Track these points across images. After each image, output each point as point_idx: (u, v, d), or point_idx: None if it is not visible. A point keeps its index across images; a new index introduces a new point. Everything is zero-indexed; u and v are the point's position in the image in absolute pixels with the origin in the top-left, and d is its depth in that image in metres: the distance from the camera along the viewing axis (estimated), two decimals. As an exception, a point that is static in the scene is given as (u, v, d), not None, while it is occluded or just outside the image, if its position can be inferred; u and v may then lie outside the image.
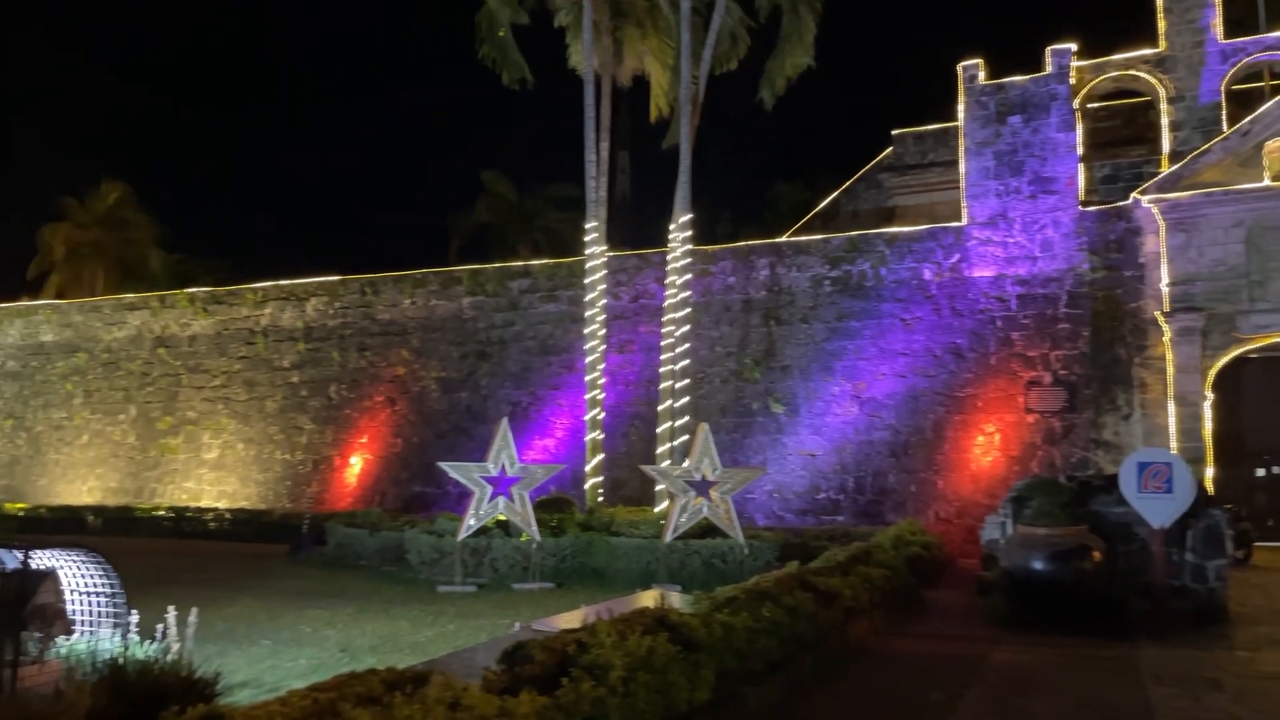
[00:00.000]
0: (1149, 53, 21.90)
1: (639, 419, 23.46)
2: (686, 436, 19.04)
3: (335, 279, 28.96)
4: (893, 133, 29.05)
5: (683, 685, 6.04)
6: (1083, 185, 21.70)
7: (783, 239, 26.03)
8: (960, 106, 22.60)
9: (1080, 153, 21.68)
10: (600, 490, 20.16)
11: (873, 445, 21.85)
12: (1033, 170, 21.71)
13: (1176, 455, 13.06)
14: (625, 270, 24.98)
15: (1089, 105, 22.95)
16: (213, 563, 18.38)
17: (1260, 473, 19.78)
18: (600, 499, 20.00)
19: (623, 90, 23.41)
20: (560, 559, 16.03)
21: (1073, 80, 21.82)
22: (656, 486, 19.33)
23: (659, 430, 20.19)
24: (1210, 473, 18.84)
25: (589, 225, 21.16)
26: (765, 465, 21.68)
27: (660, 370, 20.71)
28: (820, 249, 23.72)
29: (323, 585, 15.23)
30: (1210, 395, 19.44)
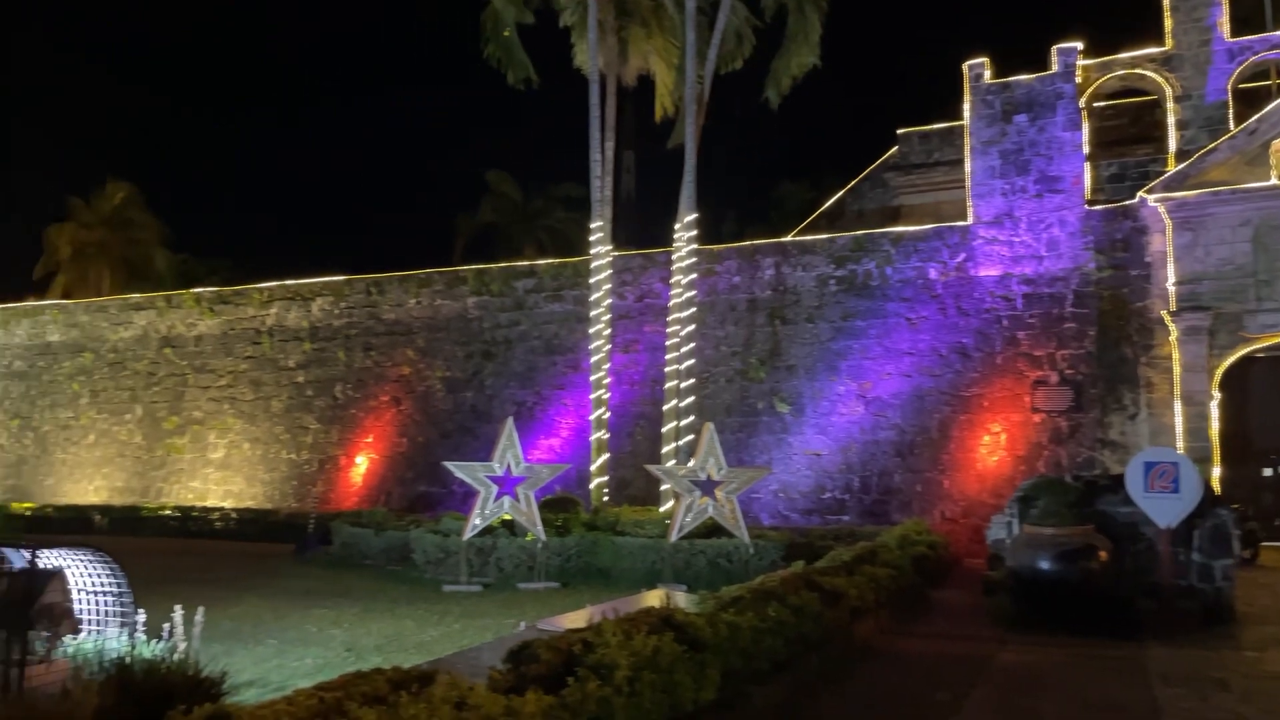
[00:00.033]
0: (1155, 51, 21.84)
1: (644, 419, 23.45)
2: (691, 436, 19.03)
3: (341, 279, 28.97)
4: (898, 132, 28.98)
5: (688, 685, 6.03)
6: (1089, 184, 21.64)
7: (788, 238, 25.99)
8: (966, 105, 22.55)
9: (1086, 152, 21.61)
10: (605, 490, 20.16)
11: (878, 445, 21.81)
12: (1039, 169, 21.66)
13: (1183, 455, 13.03)
14: (630, 270, 24.97)
15: (1095, 104, 22.89)
16: (219, 562, 18.42)
17: (1267, 472, 19.69)
18: (605, 499, 20.00)
19: (628, 90, 23.46)
20: (565, 558, 16.04)
21: (1079, 79, 21.76)
22: (662, 486, 19.34)
23: (664, 430, 20.21)
24: (1217, 472, 18.77)
25: (594, 225, 21.16)
26: (770, 465, 21.61)
27: (665, 370, 20.72)
28: (825, 248, 23.69)
29: (328, 585, 15.26)
30: (1217, 395, 19.38)
